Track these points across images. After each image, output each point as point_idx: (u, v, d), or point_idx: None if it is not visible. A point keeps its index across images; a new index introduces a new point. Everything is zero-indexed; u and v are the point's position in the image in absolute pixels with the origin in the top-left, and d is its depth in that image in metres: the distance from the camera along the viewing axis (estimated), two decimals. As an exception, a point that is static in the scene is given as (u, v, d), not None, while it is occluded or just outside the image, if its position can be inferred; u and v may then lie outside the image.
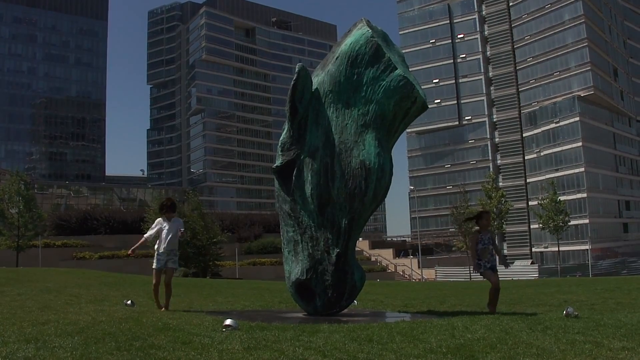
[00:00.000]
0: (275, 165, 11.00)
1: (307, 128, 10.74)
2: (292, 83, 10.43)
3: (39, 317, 9.31)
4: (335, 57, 10.91)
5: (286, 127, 10.91)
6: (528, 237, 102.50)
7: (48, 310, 10.54)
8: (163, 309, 11.48)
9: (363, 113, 10.59)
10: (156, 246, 11.70)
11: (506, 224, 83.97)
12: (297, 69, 10.55)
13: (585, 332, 7.90)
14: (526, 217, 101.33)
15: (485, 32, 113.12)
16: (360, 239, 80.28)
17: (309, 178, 10.59)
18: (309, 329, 8.18)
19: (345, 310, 11.62)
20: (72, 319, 9.11)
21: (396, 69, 10.53)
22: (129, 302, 12.63)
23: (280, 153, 10.97)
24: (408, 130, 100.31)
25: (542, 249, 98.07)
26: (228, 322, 8.16)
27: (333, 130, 10.64)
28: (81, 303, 12.62)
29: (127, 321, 8.83)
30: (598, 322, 9.08)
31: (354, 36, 10.85)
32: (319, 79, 11.02)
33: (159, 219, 12.01)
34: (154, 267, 11.57)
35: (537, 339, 7.36)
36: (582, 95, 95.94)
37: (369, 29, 10.83)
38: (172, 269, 11.74)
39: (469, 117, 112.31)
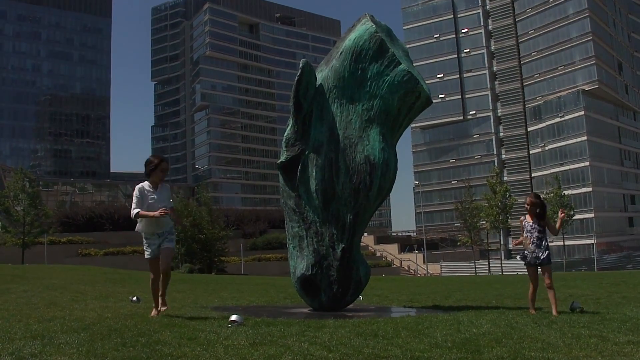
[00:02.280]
0: (279, 160, 10.98)
1: (312, 124, 10.73)
2: (297, 79, 10.41)
3: (44, 313, 9.33)
4: (339, 53, 10.90)
5: (290, 122, 10.91)
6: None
7: (54, 307, 10.57)
8: (159, 310, 9.39)
9: (367, 108, 10.59)
10: (139, 226, 9.43)
11: (511, 219, 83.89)
12: (301, 65, 10.54)
13: (590, 327, 7.90)
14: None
15: (490, 27, 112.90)
16: (365, 234, 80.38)
17: (314, 173, 10.59)
18: (314, 324, 8.19)
19: (351, 306, 11.63)
20: (78, 315, 9.13)
21: (400, 64, 10.52)
22: (134, 298, 12.64)
23: (284, 149, 10.97)
24: (413, 125, 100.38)
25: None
26: (233, 317, 8.18)
27: (337, 125, 10.63)
28: (87, 300, 12.65)
29: (132, 317, 8.85)
30: (603, 316, 9.09)
31: (358, 31, 10.84)
32: (323, 74, 11.01)
33: (140, 186, 9.34)
34: (147, 256, 9.39)
35: (543, 334, 7.36)
36: (586, 89, 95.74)
37: (372, 24, 10.82)
38: (169, 248, 9.34)
39: (474, 112, 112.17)
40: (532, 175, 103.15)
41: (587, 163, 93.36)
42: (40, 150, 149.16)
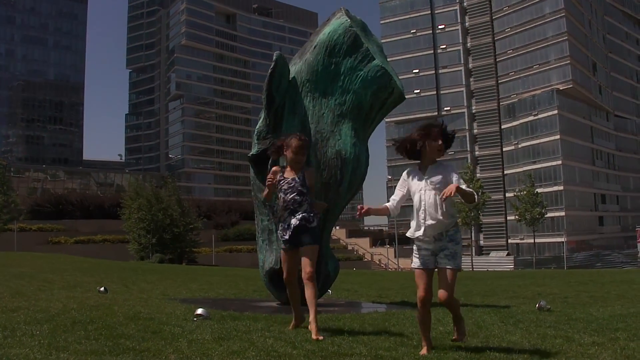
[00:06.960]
0: (250, 153, 10.91)
1: (284, 117, 10.67)
2: (270, 71, 10.33)
3: (9, 303, 9.21)
4: (313, 46, 10.84)
5: (262, 115, 10.85)
6: (504, 228, 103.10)
7: (19, 297, 10.45)
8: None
9: (340, 103, 10.55)
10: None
11: (483, 215, 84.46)
12: (274, 58, 10.47)
13: (556, 327, 7.93)
14: (503, 209, 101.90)
15: (466, 24, 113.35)
16: (337, 227, 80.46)
17: (285, 167, 10.54)
18: (280, 319, 8.17)
19: (320, 300, 11.55)
20: (43, 306, 9.02)
21: (374, 59, 10.49)
22: (102, 288, 12.54)
23: (256, 141, 10.90)
24: (387, 119, 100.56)
25: (518, 241, 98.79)
26: (199, 311, 8.12)
27: (309, 119, 10.58)
28: (54, 289, 12.52)
29: (98, 309, 8.76)
30: (570, 316, 9.13)
31: (333, 25, 10.78)
32: (296, 67, 10.95)
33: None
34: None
35: (508, 333, 7.38)
36: (561, 88, 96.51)
37: (347, 18, 10.77)
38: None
39: (448, 108, 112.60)
40: (505, 172, 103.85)
41: (560, 162, 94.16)
42: (12, 136, 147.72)
